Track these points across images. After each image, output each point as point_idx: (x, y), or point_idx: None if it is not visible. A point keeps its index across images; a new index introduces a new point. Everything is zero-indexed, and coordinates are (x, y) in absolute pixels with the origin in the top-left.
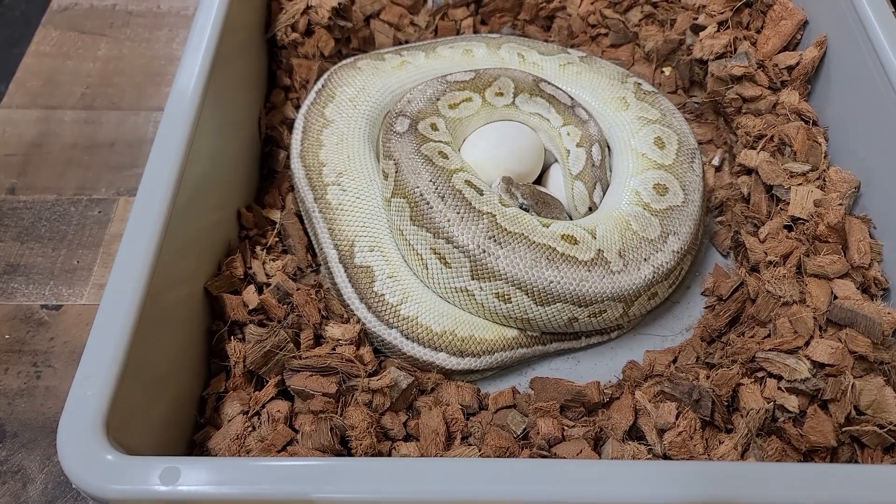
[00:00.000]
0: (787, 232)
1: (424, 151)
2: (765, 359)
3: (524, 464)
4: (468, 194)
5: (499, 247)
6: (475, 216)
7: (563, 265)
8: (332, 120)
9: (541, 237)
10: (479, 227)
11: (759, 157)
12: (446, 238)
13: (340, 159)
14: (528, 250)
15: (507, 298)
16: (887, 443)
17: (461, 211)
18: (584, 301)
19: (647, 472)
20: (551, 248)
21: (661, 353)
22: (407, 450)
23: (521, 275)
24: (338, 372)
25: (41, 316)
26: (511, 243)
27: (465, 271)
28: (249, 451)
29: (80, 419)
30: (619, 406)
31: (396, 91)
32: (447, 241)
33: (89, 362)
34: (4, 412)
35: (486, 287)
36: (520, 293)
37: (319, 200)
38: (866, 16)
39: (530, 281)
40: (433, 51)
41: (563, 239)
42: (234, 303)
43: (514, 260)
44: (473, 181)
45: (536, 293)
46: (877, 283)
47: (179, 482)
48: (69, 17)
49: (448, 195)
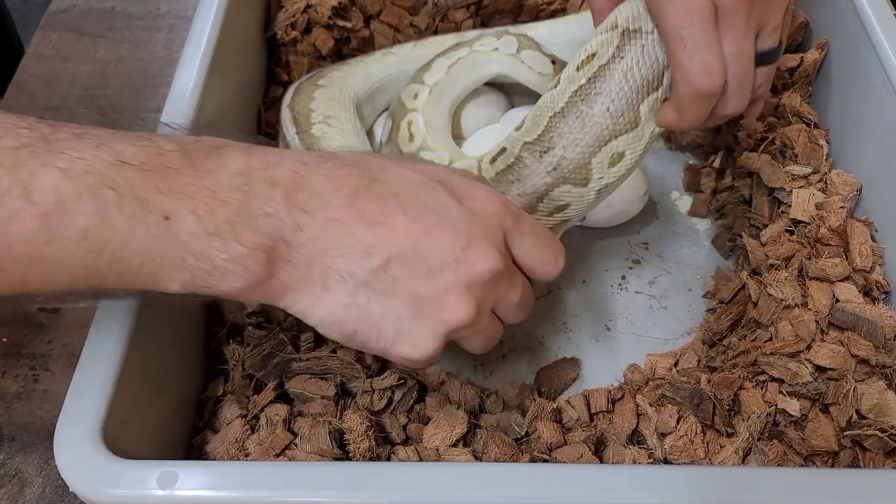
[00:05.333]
0: (788, 235)
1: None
2: (766, 362)
3: (524, 468)
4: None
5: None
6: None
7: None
8: (324, 85)
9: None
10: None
11: (761, 159)
12: None
13: (331, 109)
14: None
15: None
16: (889, 447)
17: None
18: None
19: (648, 477)
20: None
21: (662, 356)
22: (406, 454)
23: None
24: (337, 374)
25: (39, 319)
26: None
27: None
28: (248, 455)
29: (78, 423)
30: (621, 410)
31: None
32: None
33: (87, 366)
34: (2, 415)
35: None
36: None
37: (302, 133)
38: (867, 18)
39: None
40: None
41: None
42: (232, 305)
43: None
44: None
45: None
46: (878, 286)
47: (177, 486)
48: (68, 19)
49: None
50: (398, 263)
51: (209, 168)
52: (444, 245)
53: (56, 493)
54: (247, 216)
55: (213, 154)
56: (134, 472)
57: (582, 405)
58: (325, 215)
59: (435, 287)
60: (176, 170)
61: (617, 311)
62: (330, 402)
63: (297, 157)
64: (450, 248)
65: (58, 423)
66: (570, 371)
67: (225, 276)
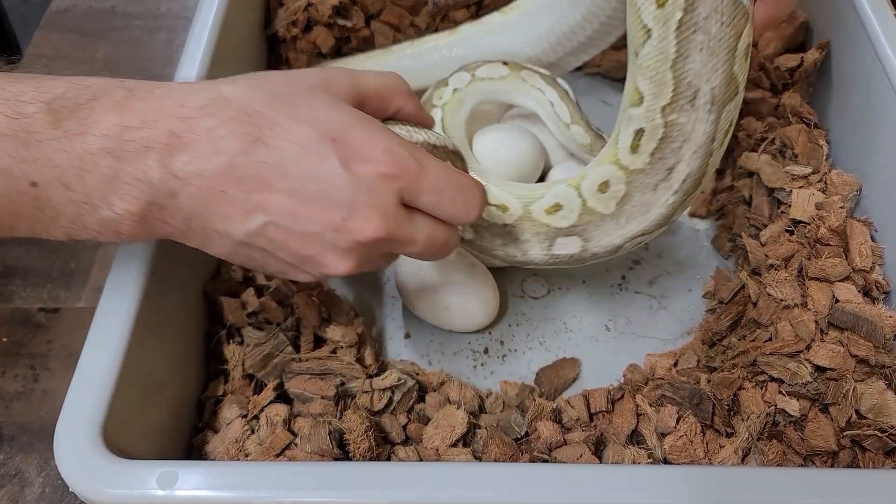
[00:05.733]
0: (788, 235)
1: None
2: (766, 362)
3: (524, 468)
4: None
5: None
6: None
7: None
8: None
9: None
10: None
11: (761, 159)
12: None
13: None
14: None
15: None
16: (889, 447)
17: None
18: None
19: (648, 477)
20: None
21: (661, 356)
22: (406, 454)
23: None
24: (337, 375)
25: (39, 319)
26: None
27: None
28: (248, 455)
29: (78, 423)
30: (621, 410)
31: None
32: None
33: (86, 365)
34: (2, 415)
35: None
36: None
37: None
38: (868, 19)
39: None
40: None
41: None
42: (232, 306)
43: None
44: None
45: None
46: (878, 286)
47: (177, 486)
48: (68, 19)
49: None
50: (275, 228)
51: (77, 130)
52: (323, 216)
53: (56, 492)
54: (118, 183)
55: (84, 110)
56: (134, 472)
57: (582, 405)
58: (201, 183)
59: (313, 250)
60: (38, 135)
61: (617, 311)
62: (330, 402)
63: (178, 111)
64: (328, 219)
65: (58, 423)
66: (570, 371)
67: (101, 235)
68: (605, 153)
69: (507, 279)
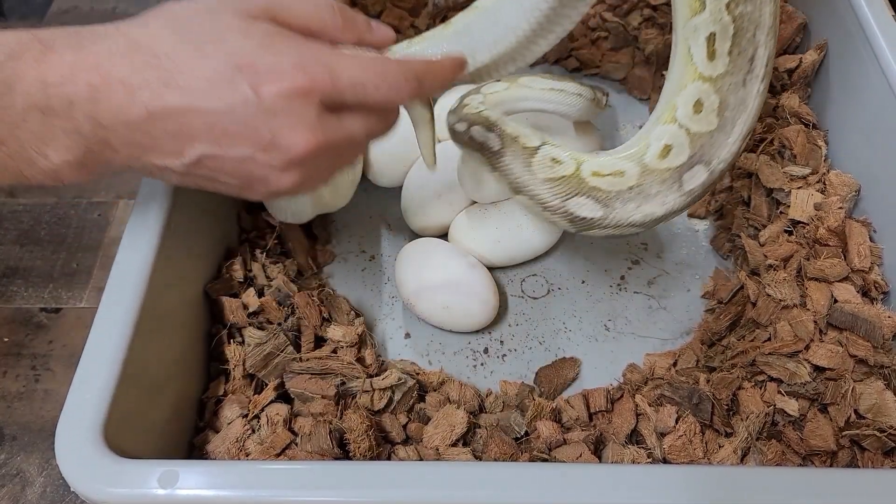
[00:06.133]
0: (787, 235)
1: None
2: (765, 362)
3: (524, 468)
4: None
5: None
6: None
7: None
8: None
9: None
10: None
11: (759, 160)
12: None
13: None
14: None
15: None
16: (887, 446)
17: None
18: None
19: (647, 477)
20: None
21: (661, 356)
22: (406, 453)
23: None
24: (338, 374)
25: (40, 319)
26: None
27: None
28: (248, 455)
29: (79, 422)
30: (620, 410)
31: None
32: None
33: (87, 365)
34: (3, 415)
35: None
36: None
37: None
38: (866, 20)
39: None
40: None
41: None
42: (233, 306)
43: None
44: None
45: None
46: (877, 286)
47: (178, 485)
48: (69, 20)
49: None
50: (210, 159)
51: (1, 90)
52: (248, 145)
53: (57, 492)
54: (49, 138)
55: (7, 68)
56: (135, 472)
57: (581, 405)
58: (127, 130)
59: (253, 171)
60: None
61: (616, 311)
62: (330, 401)
63: (94, 63)
64: (254, 147)
65: (59, 423)
66: (570, 371)
67: (47, 182)
68: (684, 75)
69: (507, 279)
